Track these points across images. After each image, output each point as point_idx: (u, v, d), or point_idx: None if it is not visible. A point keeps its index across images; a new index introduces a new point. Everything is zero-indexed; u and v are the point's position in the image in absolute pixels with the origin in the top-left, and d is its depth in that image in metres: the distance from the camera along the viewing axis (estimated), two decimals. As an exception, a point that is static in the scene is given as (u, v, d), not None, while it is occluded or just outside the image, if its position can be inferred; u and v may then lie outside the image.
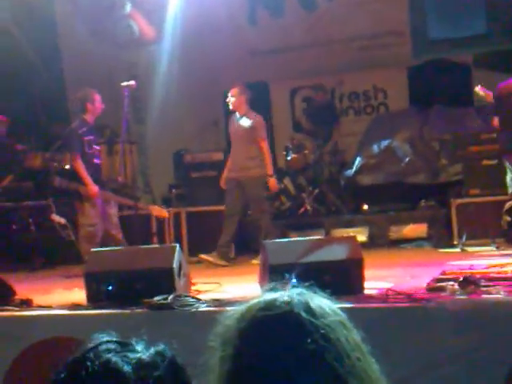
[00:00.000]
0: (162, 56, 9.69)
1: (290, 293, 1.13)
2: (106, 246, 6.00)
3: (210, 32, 9.60)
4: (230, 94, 7.19)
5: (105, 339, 1.16)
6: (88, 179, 6.58)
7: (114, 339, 1.16)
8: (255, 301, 1.14)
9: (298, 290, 1.14)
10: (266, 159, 7.05)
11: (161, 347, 1.20)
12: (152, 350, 1.17)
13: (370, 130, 8.87)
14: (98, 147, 6.90)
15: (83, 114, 6.80)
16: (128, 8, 10.31)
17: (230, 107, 7.22)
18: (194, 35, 9.38)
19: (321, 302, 1.12)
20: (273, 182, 7.13)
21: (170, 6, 9.34)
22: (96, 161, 6.83)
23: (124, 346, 1.16)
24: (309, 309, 1.09)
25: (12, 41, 9.21)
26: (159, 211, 6.90)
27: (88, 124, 6.78)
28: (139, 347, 1.16)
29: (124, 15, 10.31)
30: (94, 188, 6.56)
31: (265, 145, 7.08)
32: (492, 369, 3.64)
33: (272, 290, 1.17)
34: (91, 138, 6.76)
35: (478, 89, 6.58)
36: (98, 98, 6.79)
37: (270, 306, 1.10)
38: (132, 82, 6.56)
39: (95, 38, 10.26)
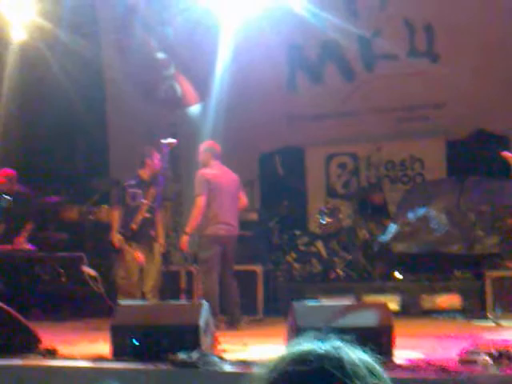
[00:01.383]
0: (203, 117, 9.88)
1: (326, 346, 1.09)
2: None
3: (250, 94, 9.78)
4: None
5: None
6: (113, 229, 6.91)
7: None
8: (290, 351, 1.10)
9: (336, 344, 1.10)
10: (190, 215, 6.93)
11: None
12: None
13: (406, 198, 8.82)
14: (145, 201, 6.96)
15: (141, 168, 7.04)
16: (172, 69, 10.61)
17: None
18: (235, 98, 9.55)
19: (357, 359, 1.07)
20: (183, 240, 6.76)
21: (214, 70, 9.56)
22: (144, 214, 6.93)
23: None
24: (342, 367, 1.05)
25: (60, 92, 9.48)
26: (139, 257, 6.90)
27: (140, 178, 7.02)
28: None
29: (168, 75, 10.60)
30: (114, 239, 6.89)
31: (196, 201, 6.84)
32: None
33: (309, 339, 1.13)
34: (138, 191, 6.89)
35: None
36: (157, 155, 7.03)
37: (302, 359, 1.06)
38: (173, 140, 6.72)
39: (139, 94, 10.53)
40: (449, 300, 7.25)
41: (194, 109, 10.42)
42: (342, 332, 1.15)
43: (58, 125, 9.86)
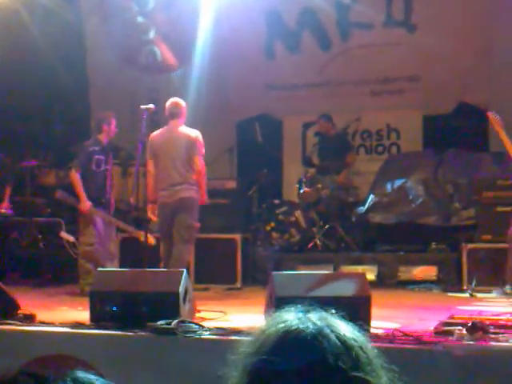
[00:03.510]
0: (181, 83, 9.79)
1: (315, 320, 1.07)
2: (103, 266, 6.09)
3: (229, 62, 9.72)
4: None
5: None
6: (82, 195, 6.70)
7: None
8: (277, 326, 1.07)
9: (319, 315, 1.09)
10: None
11: None
12: None
13: (384, 169, 8.86)
14: (108, 167, 6.95)
15: (98, 133, 6.98)
16: (152, 34, 10.47)
17: None
18: (214, 66, 9.49)
19: (348, 335, 1.06)
20: (148, 208, 6.39)
21: (195, 36, 9.45)
22: (104, 181, 6.91)
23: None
24: (331, 334, 1.03)
25: (40, 55, 9.32)
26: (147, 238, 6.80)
27: (101, 144, 6.89)
28: None
29: (148, 41, 10.46)
30: (85, 204, 6.68)
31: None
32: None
33: (288, 312, 1.11)
34: (102, 157, 6.86)
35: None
36: (114, 121, 7.01)
37: (289, 331, 1.05)
38: (151, 106, 6.62)
39: (120, 62, 10.39)
40: (425, 271, 7.35)
41: (175, 75, 10.32)
42: (320, 301, 1.14)
43: (36, 89, 9.71)
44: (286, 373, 1.00)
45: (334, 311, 1.14)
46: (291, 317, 1.07)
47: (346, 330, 1.05)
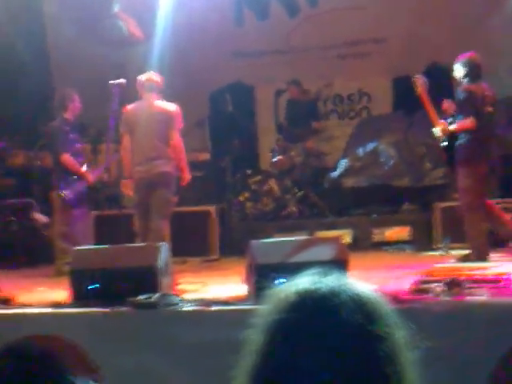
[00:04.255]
0: (149, 57, 9.66)
1: (327, 282, 1.09)
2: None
3: (196, 32, 9.61)
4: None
5: None
6: (81, 171, 6.72)
7: None
8: (287, 289, 1.10)
9: (332, 277, 1.11)
10: None
11: None
12: None
13: (355, 133, 8.92)
14: (79, 145, 6.91)
15: (64, 112, 6.88)
16: (116, 8, 10.28)
17: None
18: (181, 36, 9.37)
19: (357, 287, 1.08)
20: (123, 183, 6.39)
21: (158, 8, 9.31)
22: (78, 159, 6.85)
23: None
24: (351, 301, 1.04)
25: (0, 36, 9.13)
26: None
27: (69, 122, 6.82)
28: None
29: (112, 15, 10.28)
30: (90, 177, 6.76)
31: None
32: (475, 369, 3.67)
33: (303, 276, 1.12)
34: (73, 136, 6.80)
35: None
36: (76, 97, 6.91)
37: (302, 292, 1.07)
38: (122, 81, 6.52)
39: (83, 37, 10.21)
40: (398, 232, 7.45)
41: (141, 48, 10.18)
42: (299, 267, 1.16)
43: (0, 72, 9.51)
44: (301, 330, 1.02)
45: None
46: (305, 281, 1.10)
47: (358, 288, 1.08)
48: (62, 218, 6.70)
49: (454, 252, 6.47)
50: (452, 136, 6.04)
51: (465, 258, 5.86)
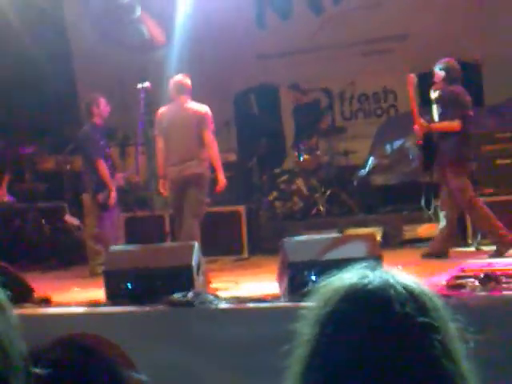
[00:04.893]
0: (172, 59, 9.71)
1: (376, 272, 1.09)
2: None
3: (219, 35, 9.64)
4: None
5: None
6: (112, 185, 6.72)
7: None
8: (338, 281, 1.10)
9: (383, 270, 1.11)
10: None
11: None
12: None
13: (382, 131, 8.88)
14: (108, 150, 6.99)
15: (91, 117, 6.93)
16: (138, 12, 10.36)
17: None
18: (204, 38, 9.42)
19: (409, 279, 1.09)
20: (159, 184, 6.51)
21: (179, 10, 9.36)
22: (107, 162, 6.93)
23: None
24: (405, 293, 1.04)
25: (23, 45, 9.25)
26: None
27: (98, 128, 6.91)
28: None
29: (134, 19, 10.36)
30: (114, 195, 6.72)
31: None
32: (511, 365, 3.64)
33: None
34: (103, 142, 6.86)
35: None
36: (102, 101, 6.91)
37: (355, 284, 1.08)
38: (147, 84, 6.59)
39: (105, 41, 10.31)
40: (429, 229, 7.38)
41: (162, 51, 10.24)
42: (332, 264, 1.16)
43: (23, 76, 9.63)
44: (353, 322, 1.02)
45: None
46: (355, 272, 1.10)
47: (411, 280, 1.08)
48: (93, 220, 6.77)
49: (486, 247, 6.41)
50: (428, 135, 6.26)
51: (495, 254, 5.83)
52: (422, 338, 1.01)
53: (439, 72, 6.26)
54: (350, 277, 1.08)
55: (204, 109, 6.24)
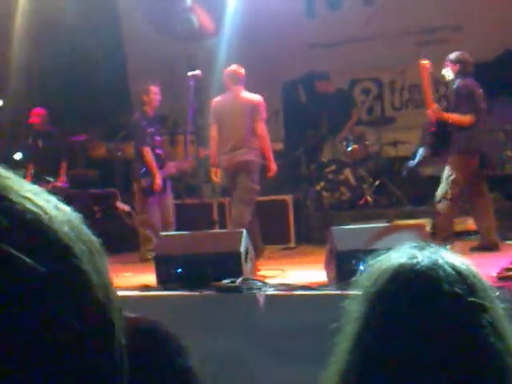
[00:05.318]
0: (221, 49, 9.76)
1: (424, 251, 1.10)
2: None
3: (269, 25, 9.64)
4: None
5: None
6: (157, 173, 6.78)
7: None
8: (387, 260, 1.11)
9: (432, 249, 1.12)
10: None
11: None
12: None
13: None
14: (159, 138, 7.05)
15: (142, 106, 7.01)
16: (188, 1, 10.44)
17: None
18: (253, 28, 9.44)
19: (457, 259, 1.09)
20: (211, 172, 6.69)
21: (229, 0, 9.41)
22: (158, 151, 6.99)
23: None
24: (451, 272, 1.05)
25: (76, 34, 9.43)
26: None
27: (148, 116, 6.97)
28: None
29: (184, 8, 10.44)
30: (159, 181, 6.75)
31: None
32: None
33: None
34: (152, 129, 6.93)
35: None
36: (154, 89, 6.96)
37: (404, 264, 1.09)
38: (198, 72, 6.65)
39: (157, 30, 10.42)
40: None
41: (214, 41, 10.31)
42: (381, 254, 1.17)
43: (76, 64, 9.83)
44: (402, 301, 1.03)
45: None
46: (404, 252, 1.11)
47: (459, 260, 1.09)
48: (143, 206, 6.87)
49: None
50: (442, 124, 6.22)
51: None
52: (471, 317, 1.02)
53: (453, 65, 6.28)
54: (398, 256, 1.10)
55: (257, 98, 6.38)
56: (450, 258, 1.09)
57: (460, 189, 6.19)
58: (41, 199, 0.56)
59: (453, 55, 6.31)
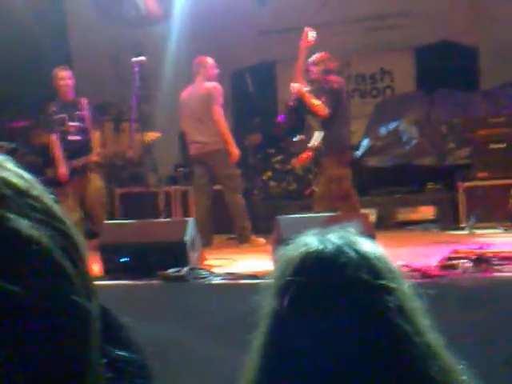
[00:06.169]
0: (170, 35, 9.66)
1: (331, 237, 1.09)
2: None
3: (219, 11, 9.58)
4: None
5: None
6: (61, 161, 6.61)
7: None
8: (294, 249, 1.10)
9: (339, 234, 1.11)
10: None
11: None
12: None
13: (377, 113, 8.88)
14: (74, 123, 6.79)
15: (57, 92, 6.87)
16: (135, -15, 10.29)
17: None
18: (203, 14, 9.36)
19: (363, 243, 1.10)
20: None
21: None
22: (71, 137, 6.77)
23: None
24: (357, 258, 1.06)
25: (20, 20, 9.17)
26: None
27: (61, 101, 6.79)
28: None
29: (130, -7, 10.29)
30: (61, 171, 6.60)
31: None
32: (502, 344, 3.69)
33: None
34: (63, 115, 6.73)
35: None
36: (60, 74, 6.77)
37: (309, 252, 1.07)
38: (143, 58, 6.57)
39: (102, 16, 10.23)
40: (422, 211, 7.44)
41: (160, 27, 10.18)
42: None
43: (16, 49, 9.55)
44: (307, 292, 1.03)
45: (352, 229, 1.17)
46: (311, 239, 1.11)
47: (365, 244, 1.09)
48: (59, 196, 6.70)
49: (479, 231, 6.46)
50: (301, 101, 6.49)
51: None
52: (376, 300, 1.03)
53: (314, 67, 6.58)
54: (305, 244, 1.09)
55: (211, 84, 6.57)
56: (357, 242, 1.08)
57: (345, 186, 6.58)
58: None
59: (312, 57, 6.62)
